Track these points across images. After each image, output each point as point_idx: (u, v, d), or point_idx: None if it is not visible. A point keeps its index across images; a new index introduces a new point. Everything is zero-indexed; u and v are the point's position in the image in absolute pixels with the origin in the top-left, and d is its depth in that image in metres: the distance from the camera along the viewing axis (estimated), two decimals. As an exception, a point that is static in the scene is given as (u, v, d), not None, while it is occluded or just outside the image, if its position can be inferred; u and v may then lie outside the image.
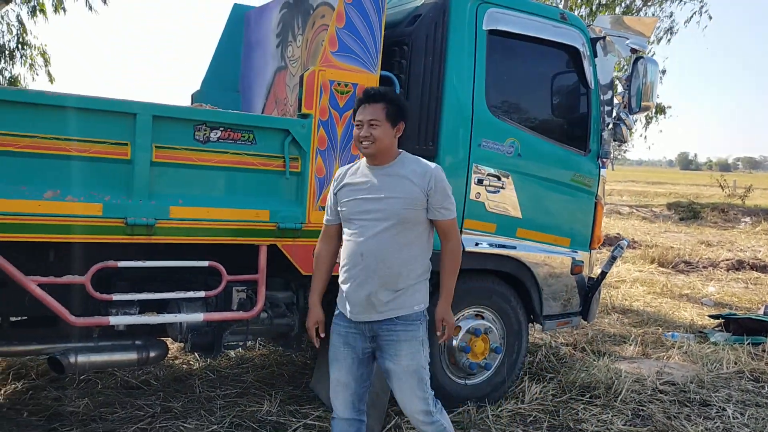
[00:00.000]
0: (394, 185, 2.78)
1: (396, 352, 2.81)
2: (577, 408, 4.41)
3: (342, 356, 2.88)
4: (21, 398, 4.12)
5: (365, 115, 2.78)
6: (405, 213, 2.76)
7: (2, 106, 2.94)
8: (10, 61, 13.10)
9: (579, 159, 4.60)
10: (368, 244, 2.77)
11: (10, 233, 2.97)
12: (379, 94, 2.81)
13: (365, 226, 2.78)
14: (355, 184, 2.85)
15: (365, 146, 2.78)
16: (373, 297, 2.77)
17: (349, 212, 2.85)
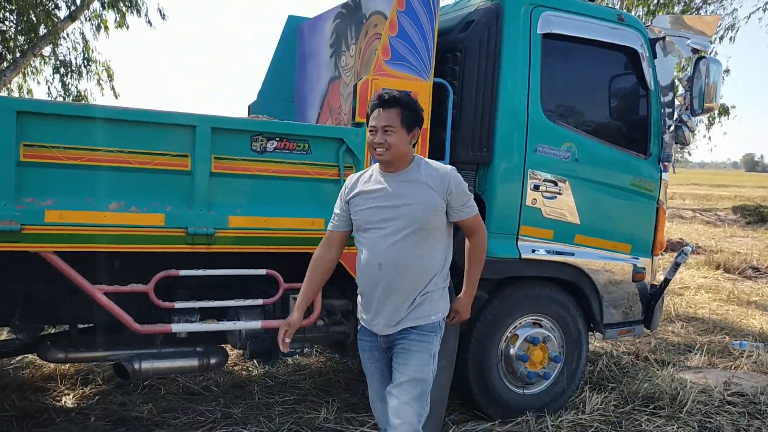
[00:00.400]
0: (412, 191, 2.69)
1: (405, 362, 2.72)
2: (641, 419, 4.28)
3: (371, 371, 2.88)
4: (88, 403, 4.26)
5: (380, 120, 2.68)
6: (425, 219, 2.68)
7: (69, 121, 3.06)
8: (77, 77, 13.65)
9: (639, 163, 4.48)
10: (386, 254, 2.68)
11: (78, 243, 3.08)
12: (394, 98, 2.71)
13: (382, 235, 2.69)
14: (370, 192, 2.76)
15: (379, 153, 2.69)
16: (393, 309, 2.71)
17: (364, 221, 2.76)
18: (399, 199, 2.68)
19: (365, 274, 2.76)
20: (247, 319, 3.68)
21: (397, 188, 2.70)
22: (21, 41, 12.76)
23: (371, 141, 2.70)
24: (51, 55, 13.36)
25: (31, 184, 2.99)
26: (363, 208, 2.75)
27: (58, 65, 13.48)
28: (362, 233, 2.77)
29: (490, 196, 3.99)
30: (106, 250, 3.20)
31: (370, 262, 2.71)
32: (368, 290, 2.77)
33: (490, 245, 3.94)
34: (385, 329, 2.75)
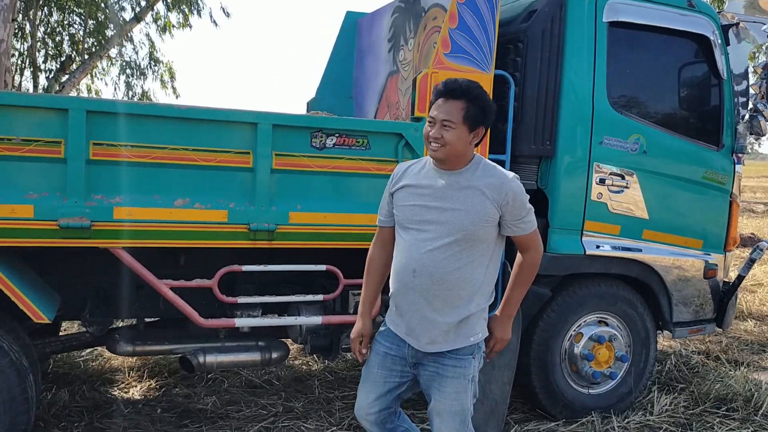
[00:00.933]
0: (464, 196, 2.38)
1: (440, 388, 2.46)
2: (713, 422, 4.11)
3: (374, 376, 2.59)
4: (154, 395, 4.37)
5: (440, 112, 2.35)
6: (472, 229, 2.36)
7: (136, 119, 3.13)
8: (141, 77, 14.08)
9: (711, 155, 4.29)
10: (423, 260, 2.38)
11: (145, 239, 3.16)
12: (461, 89, 2.35)
13: (422, 239, 2.39)
14: (417, 187, 2.45)
15: (434, 149, 2.37)
16: (427, 325, 2.42)
17: (405, 219, 2.47)
18: (447, 202, 2.39)
19: (398, 279, 2.48)
20: (308, 314, 3.70)
21: (447, 189, 2.40)
22: (89, 43, 13.22)
23: (426, 133, 2.39)
24: (117, 56, 13.81)
25: (100, 182, 3.07)
26: (406, 204, 2.46)
27: (124, 66, 13.92)
28: (402, 232, 2.49)
29: (553, 190, 3.89)
30: (172, 245, 3.27)
31: (405, 267, 2.43)
32: (400, 297, 2.49)
33: (554, 241, 3.88)
34: (415, 344, 2.48)
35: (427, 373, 2.49)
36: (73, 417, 3.93)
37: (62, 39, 13.47)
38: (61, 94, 11.68)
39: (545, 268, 3.84)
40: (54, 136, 2.97)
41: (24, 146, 2.93)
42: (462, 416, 2.48)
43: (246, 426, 3.89)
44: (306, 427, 3.89)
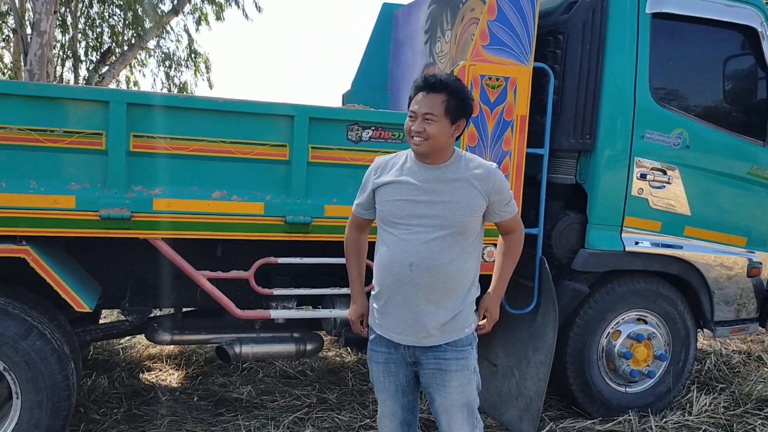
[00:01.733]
0: (453, 188, 2.37)
1: (444, 383, 2.43)
2: (754, 423, 4.02)
3: (383, 386, 2.55)
4: (191, 383, 4.44)
5: (421, 106, 2.33)
6: (464, 220, 2.36)
7: (175, 112, 3.16)
8: (182, 69, 14.24)
9: (756, 150, 4.16)
10: (420, 254, 2.35)
11: (184, 231, 3.20)
12: (441, 83, 2.34)
13: (416, 233, 2.36)
14: (402, 183, 2.41)
15: (416, 143, 2.35)
16: (424, 318, 2.38)
17: (392, 214, 2.41)
18: (436, 196, 2.37)
19: (390, 274, 2.42)
20: (342, 307, 3.70)
21: (434, 183, 2.38)
22: (128, 35, 13.42)
23: (408, 127, 2.37)
24: (156, 48, 13.99)
25: (140, 174, 3.11)
26: (392, 199, 2.42)
27: (163, 58, 14.10)
28: (388, 227, 2.44)
29: (592, 185, 3.82)
30: (210, 237, 3.30)
31: (399, 262, 2.38)
32: (391, 293, 2.43)
33: (593, 237, 3.82)
34: (411, 340, 2.43)
35: (428, 371, 2.46)
36: (112, 403, 4.01)
37: (102, 31, 13.68)
38: (101, 85, 11.89)
39: (583, 265, 3.81)
40: (95, 128, 3.02)
41: (66, 138, 2.99)
42: (469, 407, 2.48)
43: (281, 416, 3.92)
44: (340, 419, 3.91)
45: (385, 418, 2.59)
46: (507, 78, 3.53)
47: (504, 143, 3.56)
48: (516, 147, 3.58)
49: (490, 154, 3.56)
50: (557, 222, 3.83)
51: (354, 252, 2.69)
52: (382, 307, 2.48)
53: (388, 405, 2.56)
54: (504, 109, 3.53)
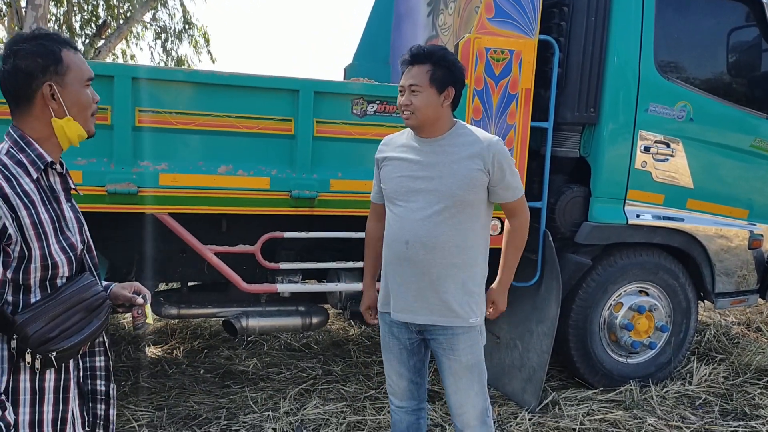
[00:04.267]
0: (449, 161, 2.31)
1: (452, 347, 2.40)
2: (753, 392, 4.08)
3: (389, 346, 2.55)
4: (197, 356, 4.49)
5: (407, 78, 2.31)
6: (460, 194, 2.29)
7: (180, 86, 3.15)
8: (177, 42, 14.10)
9: (759, 122, 4.17)
10: (415, 230, 2.32)
11: (189, 205, 3.21)
12: (425, 53, 2.30)
13: (413, 209, 2.33)
14: (402, 160, 2.39)
15: (406, 116, 2.33)
16: (421, 295, 2.35)
17: (393, 192, 2.40)
18: (434, 170, 2.32)
19: (391, 253, 2.41)
20: (348, 281, 3.74)
21: (432, 157, 2.33)
22: (124, 8, 13.27)
23: (398, 102, 2.35)
24: (152, 20, 13.84)
25: (146, 149, 3.12)
26: (393, 176, 2.40)
27: (159, 31, 13.95)
28: (391, 206, 2.43)
29: (596, 159, 3.83)
30: (216, 212, 3.31)
31: (397, 239, 2.36)
32: (391, 270, 2.42)
33: (596, 210, 3.84)
34: (411, 317, 2.40)
35: (434, 337, 2.43)
36: (120, 376, 4.06)
37: (97, 3, 13.52)
38: (97, 59, 11.78)
39: (586, 238, 3.83)
40: (101, 102, 2.98)
41: (72, 113, 2.98)
42: (479, 367, 2.44)
43: (287, 387, 3.97)
44: (345, 390, 3.96)
45: (393, 376, 2.59)
46: (512, 51, 3.52)
47: (509, 117, 3.56)
48: (520, 120, 3.58)
49: (494, 128, 3.56)
50: (561, 195, 3.84)
51: (371, 243, 2.66)
52: (384, 285, 2.49)
53: (394, 365, 2.56)
54: (509, 83, 3.53)
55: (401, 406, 2.62)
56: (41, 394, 1.58)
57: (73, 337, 1.56)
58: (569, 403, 3.84)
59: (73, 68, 1.62)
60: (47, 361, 1.52)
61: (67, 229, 1.61)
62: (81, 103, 1.65)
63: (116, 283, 1.82)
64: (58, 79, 1.59)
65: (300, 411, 3.65)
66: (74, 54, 1.64)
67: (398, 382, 2.58)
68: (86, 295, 1.61)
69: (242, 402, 3.77)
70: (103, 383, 1.77)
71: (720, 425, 3.67)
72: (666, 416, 3.73)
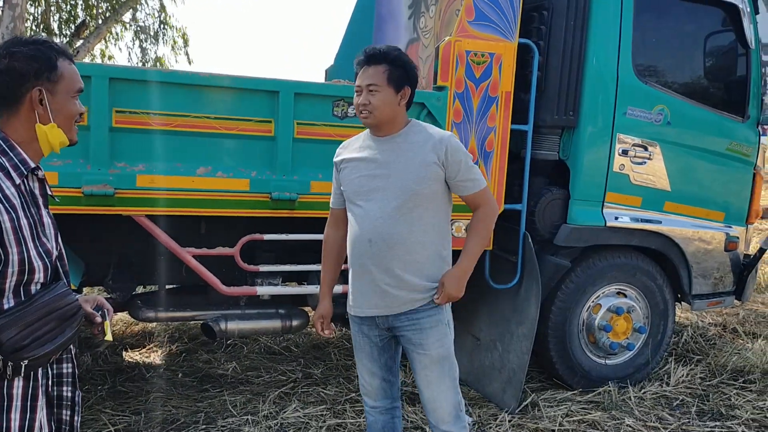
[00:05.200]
0: (405, 157, 2.36)
1: (421, 342, 2.44)
2: (729, 393, 4.12)
3: (360, 346, 2.58)
4: (176, 360, 4.44)
5: (363, 79, 2.36)
6: (417, 188, 2.33)
7: (158, 87, 3.12)
8: (155, 42, 13.98)
9: (735, 126, 4.23)
10: (376, 228, 2.35)
11: (167, 207, 3.18)
12: (380, 54, 2.36)
13: (373, 208, 2.37)
14: (360, 160, 2.43)
15: (365, 116, 2.37)
16: (386, 289, 2.39)
17: (353, 193, 2.43)
18: (389, 167, 2.37)
19: (356, 252, 2.43)
20: (328, 283, 3.72)
21: (388, 155, 2.38)
22: (103, 8, 13.13)
23: (356, 104, 2.39)
24: (131, 21, 13.72)
25: (123, 150, 3.08)
26: (352, 178, 2.43)
27: (138, 32, 13.83)
28: (352, 207, 2.45)
29: (575, 161, 3.85)
30: (195, 214, 3.28)
31: (360, 239, 2.39)
32: (361, 269, 2.44)
33: (575, 212, 3.87)
34: (381, 312, 2.44)
35: (404, 333, 2.46)
36: (96, 380, 4.01)
37: (76, 3, 13.37)
38: (75, 60, 11.63)
39: (565, 240, 3.86)
40: (77, 103, 2.96)
41: (48, 113, 2.93)
42: (449, 360, 2.48)
43: (266, 391, 3.95)
44: (325, 393, 3.94)
45: (366, 375, 2.60)
46: (492, 54, 3.53)
47: (489, 119, 3.57)
48: (501, 123, 3.59)
49: (475, 131, 3.58)
50: (540, 198, 3.87)
51: (328, 251, 2.65)
52: (352, 285, 2.52)
53: (366, 364, 2.59)
54: (489, 86, 3.54)
55: (375, 406, 2.63)
56: (9, 401, 1.56)
57: (46, 345, 1.55)
58: (548, 405, 3.86)
59: (65, 77, 1.64)
60: (17, 368, 1.50)
61: (43, 235, 1.61)
62: (67, 113, 1.66)
63: (80, 295, 1.80)
64: (50, 86, 1.60)
65: (279, 415, 3.62)
66: (69, 64, 1.66)
67: (371, 381, 2.60)
68: (61, 304, 1.60)
69: (221, 406, 3.74)
70: (70, 389, 1.76)
71: (697, 426, 3.71)
72: (644, 417, 3.76)
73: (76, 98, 1.69)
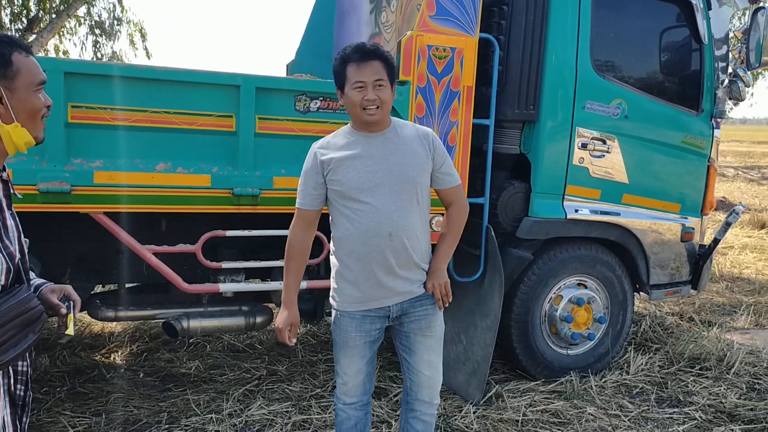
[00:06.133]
0: (403, 150, 2.42)
1: (430, 324, 2.57)
2: (687, 380, 4.23)
3: (354, 344, 2.54)
4: (137, 360, 4.37)
5: (367, 75, 2.32)
6: (419, 179, 2.44)
7: (113, 81, 3.06)
8: (111, 37, 13.68)
9: (690, 120, 4.33)
10: (395, 222, 2.39)
11: (126, 204, 3.12)
12: (375, 50, 2.37)
13: (383, 202, 2.38)
14: (354, 157, 2.40)
15: (371, 113, 2.35)
16: (407, 277, 2.47)
17: (354, 189, 2.39)
18: (389, 161, 2.40)
19: (369, 248, 2.41)
20: (292, 278, 3.69)
21: (384, 148, 2.41)
22: (56, 2, 12.79)
23: (360, 99, 2.34)
24: (86, 15, 13.40)
25: (80, 146, 3.02)
26: (350, 175, 2.39)
27: (93, 25, 13.52)
28: (348, 203, 2.42)
29: (536, 155, 3.90)
30: (155, 210, 3.23)
31: (377, 233, 2.39)
32: (367, 264, 2.43)
33: (536, 205, 3.91)
34: (402, 297, 2.51)
35: (416, 317, 2.55)
36: (55, 382, 3.92)
37: (28, -4, 13.00)
38: (28, 54, 11.30)
39: (527, 233, 3.91)
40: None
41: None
42: (442, 342, 2.66)
43: (230, 389, 3.91)
44: (291, 390, 3.92)
45: (351, 373, 2.58)
46: (454, 49, 3.55)
47: (451, 114, 3.59)
48: (463, 117, 3.61)
49: (437, 125, 3.59)
50: (502, 191, 3.90)
51: (298, 254, 2.54)
52: (353, 281, 2.48)
53: (356, 361, 2.57)
54: (451, 80, 3.56)
55: (352, 403, 2.64)
56: None
57: (9, 351, 1.51)
58: (512, 395, 3.91)
59: (23, 72, 1.56)
60: None
61: (6, 237, 1.56)
62: (30, 109, 1.59)
63: (49, 283, 1.75)
64: (7, 83, 1.53)
65: (244, 412, 3.59)
66: (25, 57, 1.58)
67: (355, 378, 2.60)
68: (24, 309, 1.55)
69: (184, 405, 3.69)
70: (22, 388, 1.71)
71: (656, 412, 3.80)
72: (605, 405, 3.84)
73: (40, 91, 1.61)
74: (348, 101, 2.40)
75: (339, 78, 2.41)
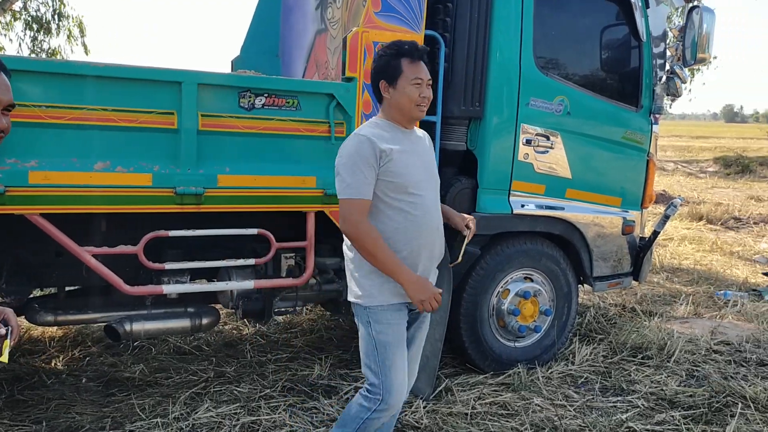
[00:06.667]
0: (425, 149, 2.60)
1: (425, 318, 2.72)
2: (630, 369, 4.35)
3: (402, 338, 2.55)
4: (79, 365, 4.24)
5: (424, 72, 2.42)
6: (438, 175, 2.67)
7: (48, 78, 2.95)
8: (47, 33, 13.23)
9: (630, 115, 4.45)
10: (437, 216, 2.56)
11: (63, 205, 3.01)
12: (426, 50, 2.52)
13: (431, 197, 2.51)
14: (404, 152, 2.43)
15: (423, 109, 2.46)
16: (436, 272, 2.67)
17: (409, 183, 2.42)
18: (424, 158, 2.55)
19: (423, 241, 2.47)
20: (239, 279, 3.65)
21: (417, 146, 2.54)
22: (-11, -5, 12.30)
23: (417, 96, 2.39)
24: (22, 10, 12.92)
25: (14, 145, 2.88)
26: (406, 168, 2.40)
27: (30, 21, 13.04)
28: (403, 196, 2.41)
29: (482, 151, 3.94)
30: (93, 211, 3.13)
31: (429, 227, 2.48)
32: (420, 257, 2.48)
33: (483, 201, 3.96)
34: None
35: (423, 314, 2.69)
36: (-8, 390, 3.77)
37: (-41, -11, 12.45)
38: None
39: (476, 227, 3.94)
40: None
41: (-76, 106, 2.71)
42: None
43: (176, 392, 3.83)
44: (239, 391, 3.87)
45: (402, 374, 2.52)
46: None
47: (397, 110, 3.59)
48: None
49: (383, 122, 3.58)
50: (450, 187, 3.93)
51: (381, 240, 2.39)
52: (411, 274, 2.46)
53: (404, 359, 2.55)
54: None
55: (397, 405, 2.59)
56: None
57: None
58: (462, 389, 3.94)
59: None
60: None
61: None
62: None
63: None
64: None
65: (191, 415, 3.52)
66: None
67: (405, 378, 2.57)
68: None
69: (128, 410, 3.60)
70: None
71: (600, 401, 3.89)
72: (551, 396, 3.91)
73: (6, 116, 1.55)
74: (400, 95, 2.41)
75: (391, 70, 2.40)
